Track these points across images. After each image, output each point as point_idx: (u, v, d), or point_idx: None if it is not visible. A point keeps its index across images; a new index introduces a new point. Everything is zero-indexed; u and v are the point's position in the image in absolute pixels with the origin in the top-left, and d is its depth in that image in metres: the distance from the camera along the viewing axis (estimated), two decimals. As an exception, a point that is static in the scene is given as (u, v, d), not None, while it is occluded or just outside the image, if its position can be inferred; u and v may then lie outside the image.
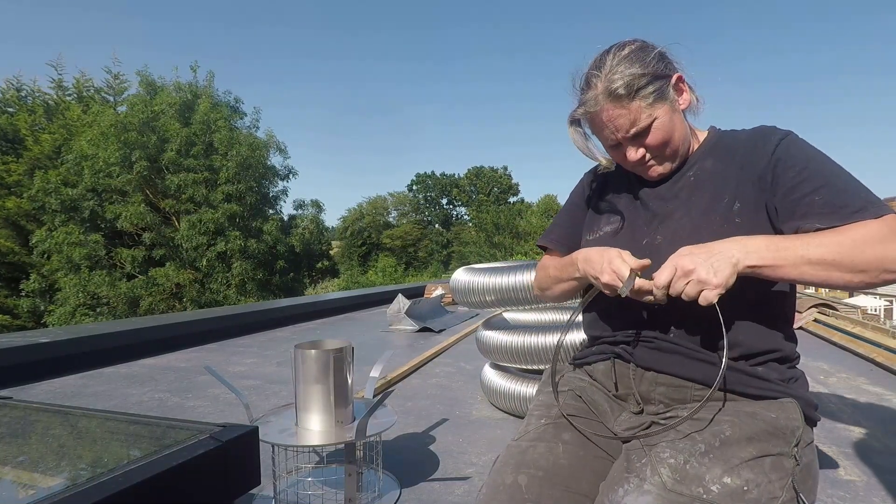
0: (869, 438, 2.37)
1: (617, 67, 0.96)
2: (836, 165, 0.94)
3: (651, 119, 0.97)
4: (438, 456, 2.16)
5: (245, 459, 1.28)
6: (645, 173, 1.07)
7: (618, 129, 0.99)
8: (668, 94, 0.98)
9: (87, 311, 17.96)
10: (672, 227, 1.02)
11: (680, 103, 1.02)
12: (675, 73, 1.00)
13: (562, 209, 1.32)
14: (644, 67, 0.96)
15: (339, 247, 50.12)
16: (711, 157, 1.05)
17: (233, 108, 22.95)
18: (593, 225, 1.16)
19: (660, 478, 0.81)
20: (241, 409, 2.53)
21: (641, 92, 0.95)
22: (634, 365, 1.01)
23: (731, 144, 1.05)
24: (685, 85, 1.02)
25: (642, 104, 0.96)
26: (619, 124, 0.98)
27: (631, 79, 0.95)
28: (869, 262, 0.82)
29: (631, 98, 0.95)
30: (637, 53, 0.98)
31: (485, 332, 2.70)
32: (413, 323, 5.89)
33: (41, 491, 1.00)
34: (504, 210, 50.13)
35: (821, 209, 0.88)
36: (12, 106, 21.40)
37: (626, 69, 0.95)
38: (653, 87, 0.96)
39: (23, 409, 1.54)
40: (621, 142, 1.01)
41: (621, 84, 0.95)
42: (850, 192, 0.88)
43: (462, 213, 58.83)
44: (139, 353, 4.41)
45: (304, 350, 1.59)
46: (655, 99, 0.97)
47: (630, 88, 0.95)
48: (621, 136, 1.00)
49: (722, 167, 1.03)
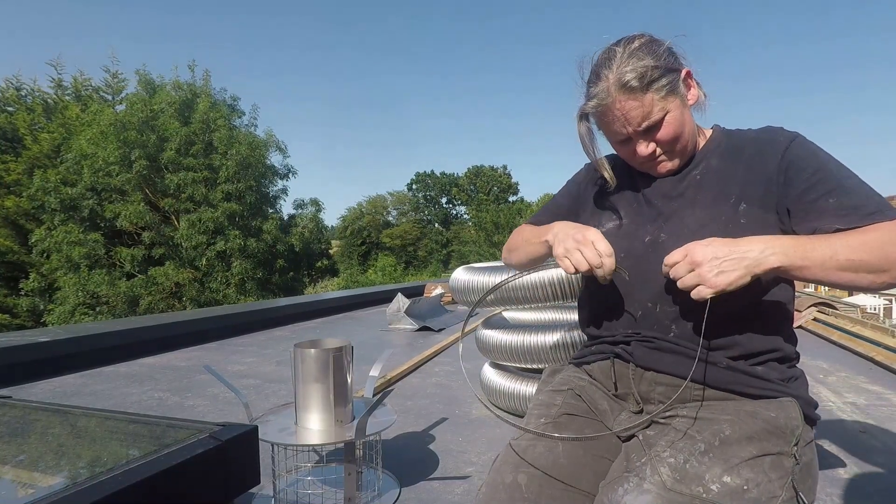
0: (868, 437, 2.37)
1: (629, 60, 0.94)
2: (844, 168, 0.94)
3: (664, 113, 0.96)
4: (438, 455, 2.16)
5: (244, 459, 1.28)
6: (653, 169, 1.05)
7: (629, 122, 0.96)
8: (679, 89, 0.97)
9: (86, 311, 17.94)
10: (677, 226, 1.01)
11: (689, 99, 1.01)
12: (685, 68, 0.99)
13: (555, 196, 1.31)
14: (656, 60, 0.94)
15: (338, 246, 50.12)
16: (717, 157, 1.04)
17: (230, 106, 22.91)
18: (595, 220, 1.14)
19: (659, 477, 0.81)
20: (241, 408, 2.52)
21: (655, 84, 0.94)
22: (634, 364, 1.01)
23: (737, 144, 1.04)
24: (693, 80, 1.01)
25: (655, 97, 0.94)
26: (631, 117, 0.96)
27: (644, 70, 0.93)
28: (893, 261, 0.81)
29: (644, 90, 0.93)
30: (648, 46, 0.96)
31: (485, 332, 2.70)
32: (412, 322, 5.88)
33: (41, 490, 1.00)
34: (504, 209, 50.16)
35: (836, 211, 0.88)
36: (12, 105, 21.36)
37: (638, 61, 0.93)
38: (665, 79, 0.95)
39: (22, 408, 1.54)
40: (632, 136, 0.99)
41: (634, 76, 0.93)
42: (862, 194, 0.88)
43: (462, 212, 58.85)
44: (138, 352, 4.40)
45: (303, 349, 1.59)
46: (668, 92, 0.95)
47: (643, 80, 0.93)
48: (632, 130, 0.97)
49: (728, 167, 1.02)
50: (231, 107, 22.98)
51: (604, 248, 0.94)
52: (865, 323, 4.91)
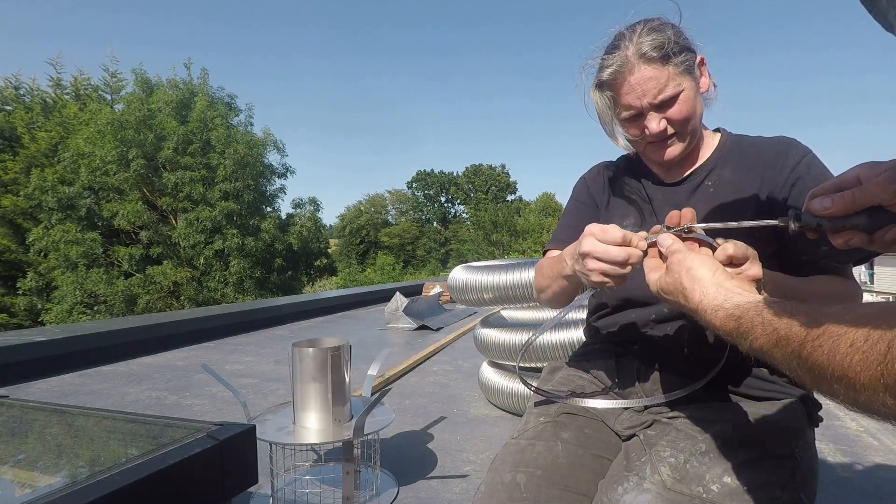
0: (866, 436, 2.37)
1: (650, 33, 0.93)
2: None
3: (679, 89, 0.94)
4: (436, 454, 2.16)
5: (242, 458, 1.27)
6: (659, 154, 1.02)
7: (645, 93, 0.94)
8: (694, 71, 0.97)
9: (84, 310, 17.93)
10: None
11: (701, 87, 1.00)
12: (699, 55, 0.99)
13: (567, 210, 1.25)
14: (677, 36, 0.94)
15: (336, 245, 50.11)
16: (730, 166, 1.02)
17: (227, 104, 22.87)
18: None
19: (660, 476, 0.80)
20: (239, 407, 2.52)
21: (674, 58, 0.93)
22: (636, 363, 1.01)
23: (749, 152, 1.02)
24: (705, 69, 1.01)
25: (672, 71, 0.93)
26: (647, 88, 0.94)
27: (664, 41, 0.92)
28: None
29: (663, 61, 0.92)
30: (668, 24, 0.96)
31: (483, 331, 2.69)
32: (411, 321, 5.88)
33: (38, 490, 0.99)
34: (503, 208, 50.20)
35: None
36: (10, 104, 21.30)
37: (659, 34, 0.93)
38: (684, 55, 0.94)
39: (19, 407, 1.53)
40: (644, 111, 0.97)
41: (654, 45, 0.92)
42: None
43: (460, 210, 58.86)
44: (136, 351, 4.39)
45: (301, 348, 1.58)
46: (685, 69, 0.94)
47: (662, 51, 0.92)
48: (647, 102, 0.95)
49: (742, 179, 1.00)
50: (228, 105, 22.95)
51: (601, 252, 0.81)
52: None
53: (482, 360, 2.92)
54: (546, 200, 49.38)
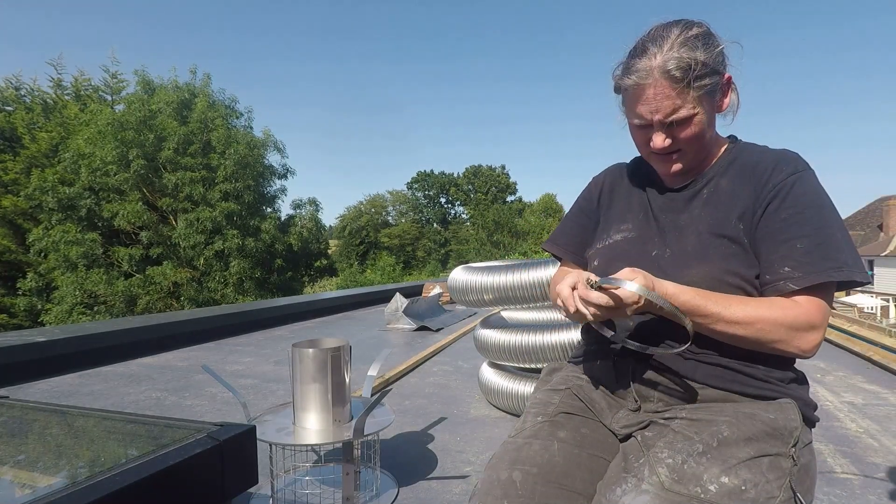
0: (865, 436, 2.37)
1: (681, 47, 0.91)
2: (834, 218, 0.93)
3: (693, 112, 0.93)
4: (436, 455, 2.16)
5: (242, 458, 1.28)
6: (661, 166, 1.03)
7: (658, 109, 0.93)
8: (716, 94, 0.96)
9: (84, 310, 17.92)
10: (681, 243, 1.00)
11: (721, 105, 0.99)
12: (727, 74, 0.97)
13: (568, 213, 1.28)
14: (708, 57, 0.92)
15: (336, 245, 50.11)
16: (728, 177, 1.02)
17: (228, 106, 22.87)
18: (604, 232, 1.13)
19: (658, 477, 0.81)
20: (239, 408, 2.52)
21: (696, 82, 0.91)
22: (633, 363, 1.01)
23: (748, 163, 1.02)
24: (732, 86, 1.00)
25: (692, 95, 0.92)
26: (661, 105, 0.93)
27: (691, 62, 0.90)
28: (766, 344, 0.89)
29: (685, 84, 0.91)
30: (705, 39, 0.93)
31: (483, 331, 2.70)
32: (411, 322, 5.89)
33: (39, 490, 1.00)
34: (504, 209, 50.23)
35: (801, 257, 0.89)
36: (11, 104, 21.30)
37: (690, 51, 0.91)
38: (708, 79, 0.92)
39: (20, 408, 1.53)
40: (654, 124, 0.96)
41: (680, 66, 0.90)
42: (833, 250, 0.89)
43: (460, 211, 58.88)
44: (136, 352, 4.40)
45: (301, 349, 1.59)
46: (706, 93, 0.93)
47: (687, 73, 0.90)
48: (658, 119, 0.95)
49: (735, 189, 1.00)
50: (229, 107, 22.96)
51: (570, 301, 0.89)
52: (863, 322, 4.93)
53: (482, 360, 2.93)
54: (547, 201, 49.39)
